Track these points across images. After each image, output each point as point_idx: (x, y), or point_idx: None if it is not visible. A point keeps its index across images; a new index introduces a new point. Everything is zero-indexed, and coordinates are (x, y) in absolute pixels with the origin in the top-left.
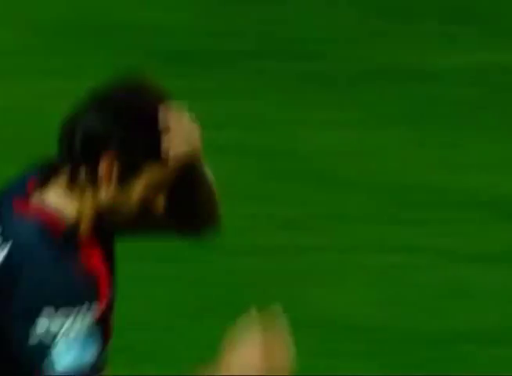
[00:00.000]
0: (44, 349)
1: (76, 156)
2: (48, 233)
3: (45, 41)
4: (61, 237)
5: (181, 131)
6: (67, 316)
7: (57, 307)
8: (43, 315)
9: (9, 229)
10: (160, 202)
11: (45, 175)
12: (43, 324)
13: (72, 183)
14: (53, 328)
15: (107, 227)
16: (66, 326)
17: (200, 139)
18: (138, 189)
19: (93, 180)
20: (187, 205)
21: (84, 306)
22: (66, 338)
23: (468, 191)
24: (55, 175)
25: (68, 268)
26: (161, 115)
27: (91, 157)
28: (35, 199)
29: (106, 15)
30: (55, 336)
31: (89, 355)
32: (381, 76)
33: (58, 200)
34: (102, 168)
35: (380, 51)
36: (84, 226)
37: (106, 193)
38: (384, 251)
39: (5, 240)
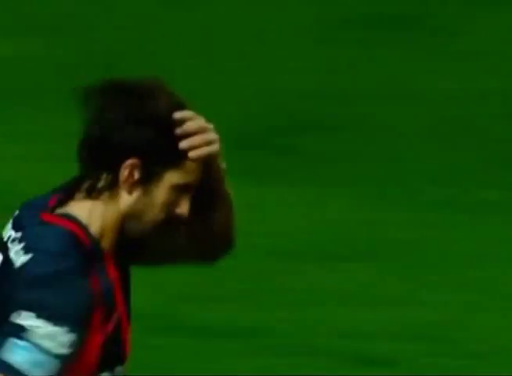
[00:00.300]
0: (7, 333)
1: (96, 165)
2: (70, 243)
3: None
4: (83, 248)
5: (199, 134)
6: (51, 326)
7: (40, 314)
8: (24, 312)
9: (31, 240)
10: (185, 206)
11: (68, 188)
12: (24, 317)
13: (94, 193)
14: (29, 325)
15: (131, 235)
16: (42, 330)
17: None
18: (160, 193)
19: (114, 188)
20: (207, 224)
21: (74, 328)
22: (30, 339)
23: None
24: (78, 187)
25: (78, 285)
26: (179, 119)
27: (111, 165)
28: (59, 211)
29: None
30: (22, 330)
31: (39, 371)
32: None
33: (81, 211)
34: (123, 175)
35: None
36: (108, 237)
37: (128, 199)
38: None
39: (27, 251)
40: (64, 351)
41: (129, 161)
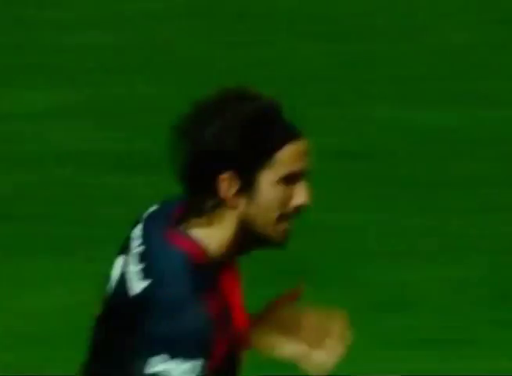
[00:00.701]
0: None
1: (195, 184)
2: (191, 265)
3: None
4: (203, 268)
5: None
6: (183, 363)
7: (174, 355)
8: (158, 356)
9: (153, 263)
10: (299, 195)
11: (183, 207)
12: (154, 364)
13: (203, 212)
14: (162, 370)
15: (253, 244)
16: (176, 371)
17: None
18: (265, 194)
19: (220, 204)
20: None
21: (200, 359)
22: None
23: None
24: (190, 207)
25: (200, 312)
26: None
27: (208, 181)
28: (179, 229)
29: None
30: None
31: None
32: None
33: (199, 231)
34: (223, 190)
35: None
36: (228, 252)
37: (236, 211)
38: None
39: (147, 275)
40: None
41: (224, 175)
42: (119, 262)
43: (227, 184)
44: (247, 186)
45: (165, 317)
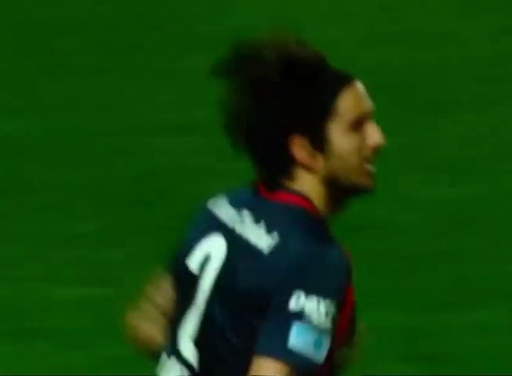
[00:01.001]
0: (282, 325)
1: (268, 155)
2: (306, 217)
3: None
4: (318, 221)
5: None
6: (317, 302)
7: (309, 292)
8: (297, 294)
9: (274, 221)
10: (372, 135)
11: (263, 179)
12: (294, 301)
13: (285, 180)
14: (304, 307)
15: (343, 198)
16: (312, 311)
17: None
18: (338, 146)
19: (296, 164)
20: None
21: (335, 298)
22: (308, 322)
23: None
24: (272, 178)
25: (328, 253)
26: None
27: (281, 150)
28: (278, 189)
29: None
30: (302, 313)
31: (321, 352)
32: None
33: (297, 188)
34: (299, 155)
35: None
36: (325, 213)
37: (319, 170)
38: None
39: (272, 233)
40: (333, 326)
41: (293, 138)
42: (212, 243)
43: (299, 146)
44: (319, 143)
45: (306, 265)
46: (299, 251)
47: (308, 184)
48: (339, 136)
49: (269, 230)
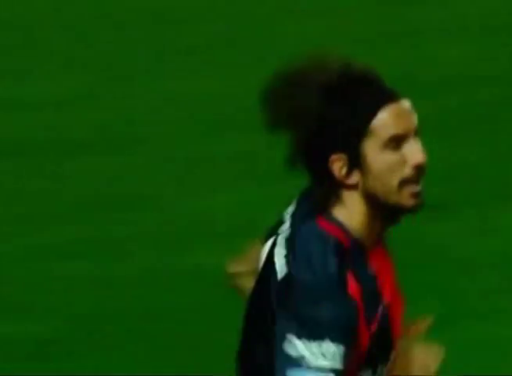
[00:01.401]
0: (287, 362)
1: (311, 172)
2: (332, 250)
3: None
4: (343, 252)
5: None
6: (325, 345)
7: (321, 337)
8: (296, 340)
9: (302, 242)
10: (412, 154)
11: (312, 197)
12: (296, 344)
13: (328, 198)
14: (302, 351)
15: (388, 216)
16: (317, 352)
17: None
18: (375, 164)
19: (339, 187)
20: None
21: (347, 341)
22: (312, 364)
23: None
24: (317, 195)
25: (342, 297)
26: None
27: (321, 168)
28: (322, 215)
29: None
30: (301, 358)
31: None
32: None
33: (337, 215)
34: (337, 173)
35: None
36: (367, 230)
37: (358, 188)
38: None
39: (289, 260)
40: (341, 366)
41: (332, 157)
42: (268, 245)
43: (337, 165)
44: (356, 161)
45: (310, 299)
46: (309, 283)
47: (351, 203)
48: (374, 154)
49: (291, 255)
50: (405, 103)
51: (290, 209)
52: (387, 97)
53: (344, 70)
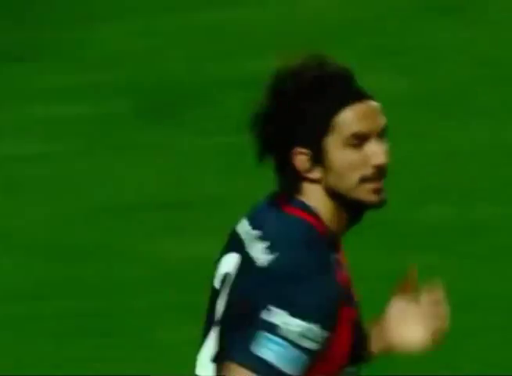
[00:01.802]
0: (259, 329)
1: (275, 163)
2: (313, 236)
3: None
4: (323, 239)
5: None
6: (298, 320)
7: (293, 311)
8: (276, 309)
9: (275, 237)
10: (375, 154)
11: (280, 188)
12: (276, 314)
13: (292, 190)
14: (279, 321)
15: (350, 211)
16: (296, 328)
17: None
18: (338, 159)
19: (302, 179)
20: None
21: (326, 324)
22: (284, 335)
23: None
24: (281, 187)
25: (327, 280)
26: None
27: (285, 159)
28: (291, 203)
29: None
30: (276, 327)
31: (291, 367)
32: None
33: (306, 201)
34: (298, 165)
35: None
36: (334, 223)
37: (320, 182)
38: None
39: (272, 249)
40: (315, 347)
41: (296, 150)
42: (230, 260)
43: (300, 159)
44: (319, 157)
45: (295, 283)
46: (293, 264)
47: (314, 197)
48: (335, 151)
49: (271, 246)
50: (373, 104)
51: (245, 220)
52: (353, 96)
53: (317, 68)
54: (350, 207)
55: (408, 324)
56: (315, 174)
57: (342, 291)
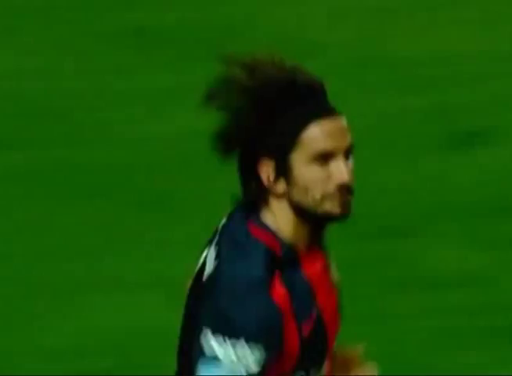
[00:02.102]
0: (202, 358)
1: (243, 175)
2: (268, 253)
3: None
4: (275, 259)
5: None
6: (237, 348)
7: (238, 337)
8: (217, 335)
9: (227, 240)
10: (338, 173)
11: (244, 200)
12: (212, 338)
13: (260, 201)
14: (218, 346)
15: (317, 223)
16: (232, 351)
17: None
18: (302, 175)
19: (266, 192)
20: None
21: (266, 345)
22: (225, 360)
23: None
24: (246, 197)
25: (264, 302)
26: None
27: (251, 171)
28: (252, 220)
29: None
30: (214, 355)
31: None
32: None
33: (266, 219)
34: (264, 179)
35: None
36: (297, 236)
37: (284, 196)
38: None
39: (218, 245)
40: (257, 369)
41: (261, 162)
42: (206, 253)
43: (265, 170)
44: (283, 170)
45: (231, 298)
46: (229, 283)
47: (277, 210)
48: (301, 167)
49: (220, 257)
50: (341, 121)
51: (223, 221)
52: (321, 112)
53: (287, 80)
54: (313, 221)
55: None
56: (280, 187)
57: (284, 309)
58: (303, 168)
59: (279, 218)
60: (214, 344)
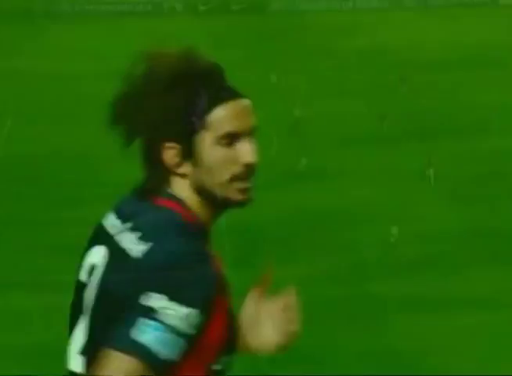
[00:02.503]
0: (137, 314)
1: (144, 157)
2: (181, 222)
3: None
4: (192, 227)
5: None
6: (176, 304)
7: (172, 296)
8: (154, 294)
9: (147, 228)
10: (245, 154)
11: (147, 180)
12: (154, 299)
13: (159, 183)
14: (157, 306)
15: (216, 207)
16: (174, 312)
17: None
18: (208, 156)
19: (170, 171)
20: None
21: (203, 309)
22: (162, 320)
23: None
24: (148, 180)
25: (205, 267)
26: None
27: (155, 153)
28: (157, 194)
29: None
30: (154, 311)
31: (168, 350)
32: None
33: (174, 192)
34: (167, 160)
35: None
36: (202, 215)
37: (187, 177)
38: None
39: (146, 240)
40: (192, 331)
41: (166, 145)
42: (97, 252)
43: (170, 153)
44: (189, 153)
45: (173, 270)
46: (169, 252)
47: (182, 191)
48: (207, 149)
49: (144, 236)
50: (245, 103)
51: (112, 214)
52: (226, 94)
53: (187, 65)
54: (215, 203)
55: (261, 326)
56: (184, 169)
57: (217, 279)
58: (210, 149)
59: (184, 199)
60: (158, 301)
